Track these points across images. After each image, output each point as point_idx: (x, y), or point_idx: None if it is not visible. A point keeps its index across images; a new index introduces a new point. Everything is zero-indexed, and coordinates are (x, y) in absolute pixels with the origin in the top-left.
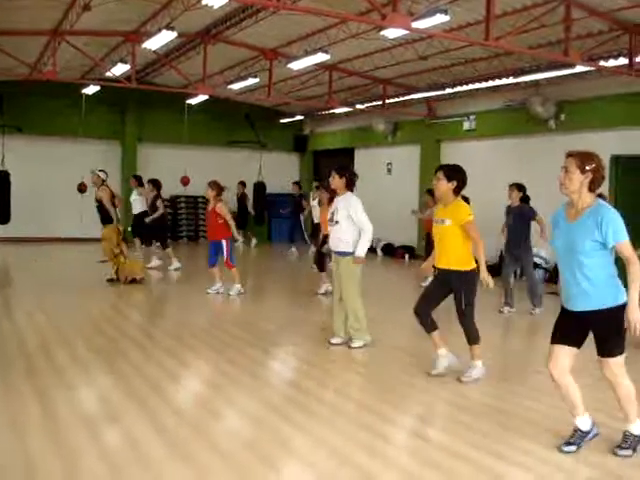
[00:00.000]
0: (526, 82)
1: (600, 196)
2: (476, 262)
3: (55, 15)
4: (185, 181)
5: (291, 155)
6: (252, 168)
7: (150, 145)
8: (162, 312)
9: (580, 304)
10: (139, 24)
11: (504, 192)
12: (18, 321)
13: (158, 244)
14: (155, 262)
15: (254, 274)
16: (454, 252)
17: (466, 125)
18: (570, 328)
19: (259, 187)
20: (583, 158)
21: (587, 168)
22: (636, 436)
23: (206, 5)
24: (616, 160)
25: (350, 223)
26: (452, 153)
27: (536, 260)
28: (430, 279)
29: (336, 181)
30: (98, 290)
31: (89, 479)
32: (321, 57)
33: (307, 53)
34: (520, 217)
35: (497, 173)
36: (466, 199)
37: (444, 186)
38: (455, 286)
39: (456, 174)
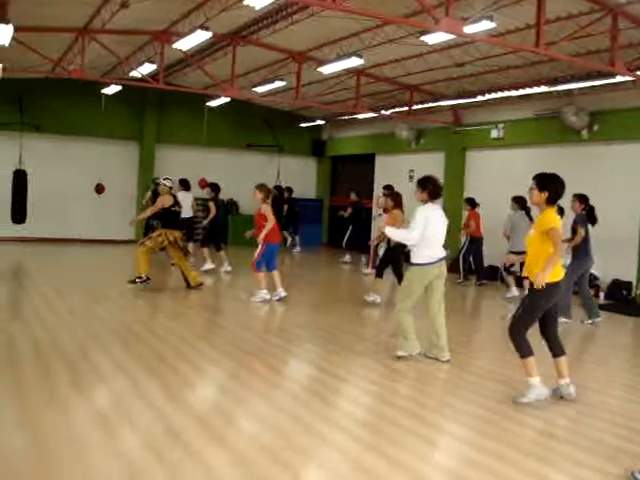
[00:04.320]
0: (559, 91)
1: None
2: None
3: (86, 12)
4: (202, 184)
5: (309, 159)
6: (270, 172)
7: (168, 146)
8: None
9: None
10: (169, 24)
11: None
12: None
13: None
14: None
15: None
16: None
17: (494, 133)
18: None
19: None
20: None
21: None
22: None
23: (247, 5)
24: None
25: None
26: (478, 161)
27: None
28: None
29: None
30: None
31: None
32: (355, 62)
33: (339, 57)
34: None
35: (526, 183)
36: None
37: (536, 196)
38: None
39: (549, 184)
